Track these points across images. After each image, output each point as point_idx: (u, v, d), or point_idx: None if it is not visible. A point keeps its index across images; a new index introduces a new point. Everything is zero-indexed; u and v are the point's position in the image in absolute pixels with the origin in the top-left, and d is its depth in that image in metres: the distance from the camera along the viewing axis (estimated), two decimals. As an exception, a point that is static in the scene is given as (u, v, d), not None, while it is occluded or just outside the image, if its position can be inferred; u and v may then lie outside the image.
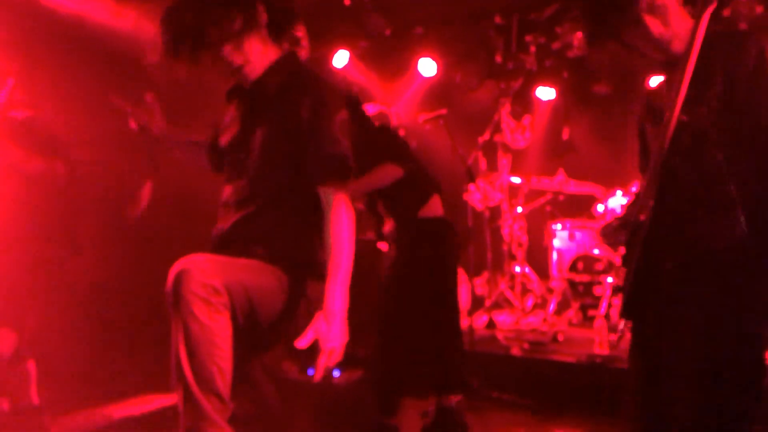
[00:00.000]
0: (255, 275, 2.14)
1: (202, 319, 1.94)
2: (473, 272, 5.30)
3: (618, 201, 5.59)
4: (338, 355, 2.08)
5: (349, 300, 2.14)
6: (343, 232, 2.14)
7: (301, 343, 2.06)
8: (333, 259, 2.12)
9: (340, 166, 2.18)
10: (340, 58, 6.53)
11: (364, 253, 5.39)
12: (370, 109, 4.44)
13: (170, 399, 2.03)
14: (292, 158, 2.22)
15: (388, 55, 6.84)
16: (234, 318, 2.04)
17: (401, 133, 5.53)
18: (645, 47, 2.20)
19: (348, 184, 2.20)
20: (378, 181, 3.67)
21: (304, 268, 2.24)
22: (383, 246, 5.36)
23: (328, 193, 2.18)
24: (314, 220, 2.25)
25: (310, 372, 4.46)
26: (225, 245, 2.26)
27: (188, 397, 1.95)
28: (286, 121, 2.22)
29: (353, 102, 3.79)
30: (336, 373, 4.38)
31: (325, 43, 6.34)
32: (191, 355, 1.94)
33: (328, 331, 2.06)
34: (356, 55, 6.67)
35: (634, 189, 5.60)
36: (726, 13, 5.26)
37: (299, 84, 2.26)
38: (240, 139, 2.34)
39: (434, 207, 3.86)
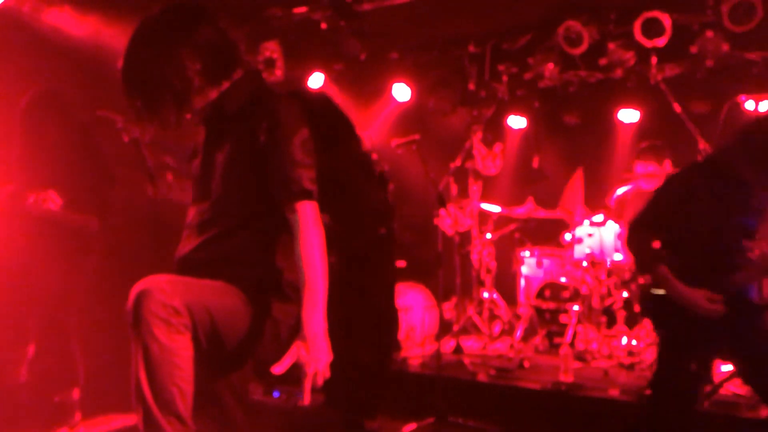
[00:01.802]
0: (218, 296, 2.13)
1: (162, 340, 1.93)
2: (442, 297, 5.30)
3: (585, 230, 5.66)
4: (323, 377, 2.08)
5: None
6: (314, 253, 2.12)
7: (278, 369, 2.04)
8: (307, 281, 2.10)
9: (302, 188, 2.16)
10: (315, 81, 6.56)
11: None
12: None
13: (132, 419, 2.01)
14: (254, 181, 2.21)
15: (363, 79, 6.89)
16: (196, 339, 2.03)
17: (374, 157, 5.56)
18: None
19: (314, 203, 2.18)
20: None
21: (269, 290, 2.23)
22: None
23: (294, 215, 2.16)
24: (279, 241, 2.25)
25: (276, 394, 4.41)
26: (187, 268, 2.24)
27: (148, 418, 1.93)
28: (245, 144, 2.22)
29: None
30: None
31: (300, 65, 6.37)
32: (151, 376, 1.92)
33: (310, 354, 2.05)
34: (331, 78, 6.71)
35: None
36: (693, 50, 5.40)
37: (257, 107, 2.25)
38: (204, 162, 2.33)
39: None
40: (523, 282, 6.36)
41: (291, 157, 2.16)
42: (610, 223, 5.61)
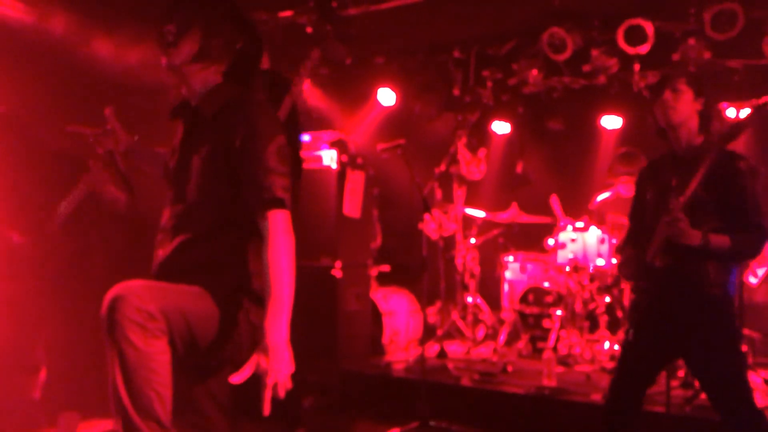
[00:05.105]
0: (193, 301, 2.11)
1: (138, 345, 1.91)
2: (426, 301, 5.31)
3: (568, 235, 5.69)
4: (284, 387, 2.03)
5: (304, 327, 2.10)
6: (281, 262, 2.09)
7: (236, 378, 2.01)
8: (272, 290, 2.07)
9: (273, 196, 2.13)
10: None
11: (318, 280, 5.38)
12: (328, 136, 4.44)
13: (111, 424, 2.00)
14: (229, 186, 2.20)
15: (349, 84, 6.89)
16: (172, 344, 2.01)
17: (359, 161, 5.57)
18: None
19: (285, 211, 2.15)
20: None
21: (246, 295, 2.22)
22: (337, 273, 5.36)
23: (264, 223, 2.13)
24: (254, 246, 2.22)
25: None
26: (164, 272, 2.23)
27: (127, 424, 1.92)
28: (221, 149, 2.20)
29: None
30: None
31: (285, 70, 6.36)
32: (128, 381, 1.91)
33: (270, 364, 2.00)
34: (316, 82, 6.71)
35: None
36: (675, 57, 5.45)
37: (235, 112, 2.23)
38: (180, 164, 2.32)
39: None
40: (506, 287, 6.39)
41: (265, 165, 2.13)
42: (593, 228, 5.65)
